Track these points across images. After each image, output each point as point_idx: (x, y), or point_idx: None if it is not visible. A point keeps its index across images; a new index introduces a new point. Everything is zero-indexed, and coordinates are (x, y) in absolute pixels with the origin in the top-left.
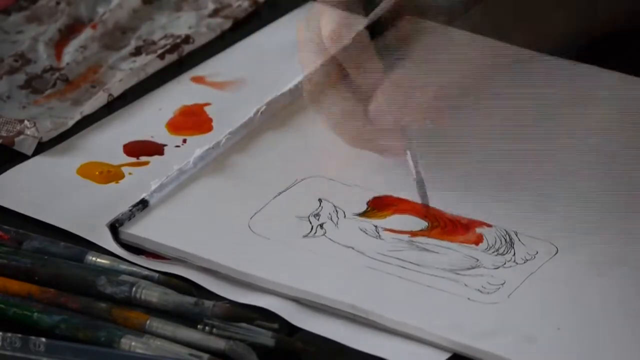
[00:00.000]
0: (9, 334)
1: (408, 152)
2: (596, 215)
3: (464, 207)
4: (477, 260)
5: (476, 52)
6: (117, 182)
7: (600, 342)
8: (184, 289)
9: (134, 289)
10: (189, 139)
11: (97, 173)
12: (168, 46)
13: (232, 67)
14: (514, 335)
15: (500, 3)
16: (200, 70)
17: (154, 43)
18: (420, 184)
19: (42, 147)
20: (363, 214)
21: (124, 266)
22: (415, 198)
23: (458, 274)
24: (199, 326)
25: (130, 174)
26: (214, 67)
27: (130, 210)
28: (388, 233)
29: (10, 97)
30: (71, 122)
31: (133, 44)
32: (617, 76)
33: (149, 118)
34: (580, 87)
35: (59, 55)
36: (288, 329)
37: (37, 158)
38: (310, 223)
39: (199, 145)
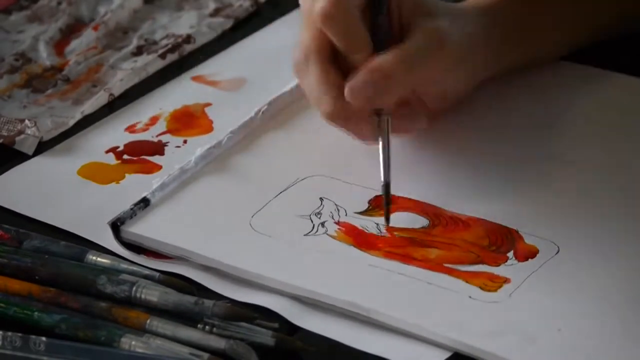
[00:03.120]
0: (9, 333)
1: (380, 141)
2: (597, 215)
3: (464, 204)
4: (478, 257)
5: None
6: (117, 182)
7: (601, 343)
8: (184, 288)
9: (134, 288)
10: (190, 139)
11: (97, 173)
12: (169, 46)
13: (233, 67)
14: (515, 335)
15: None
16: (201, 69)
17: (155, 43)
18: (387, 189)
19: (43, 147)
20: (364, 212)
21: (124, 265)
22: (416, 196)
23: (459, 271)
24: (199, 325)
25: (130, 174)
26: (215, 66)
27: (131, 209)
28: (389, 231)
29: (10, 97)
30: (72, 122)
31: (134, 43)
32: (622, 78)
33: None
34: (579, 89)
35: (60, 54)
36: (288, 328)
37: (37, 158)
38: (312, 221)
39: (199, 145)
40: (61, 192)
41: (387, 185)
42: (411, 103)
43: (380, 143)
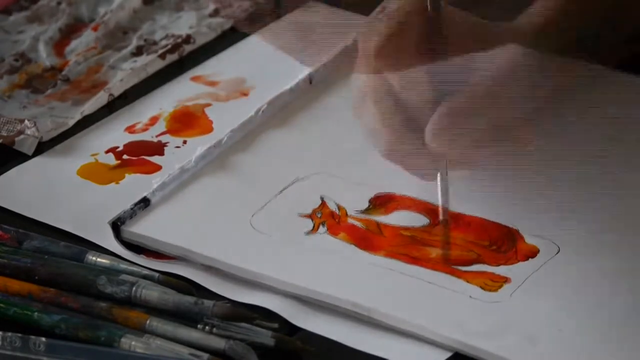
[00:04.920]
0: (9, 334)
1: (439, 178)
2: (598, 214)
3: (465, 204)
4: (479, 256)
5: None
6: (117, 183)
7: (601, 343)
8: (184, 288)
9: (134, 288)
10: (190, 139)
11: (97, 173)
12: (169, 46)
13: (233, 67)
14: (516, 335)
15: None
16: (200, 70)
17: (155, 43)
18: (445, 213)
19: (43, 147)
20: (365, 211)
21: (124, 266)
22: (417, 195)
23: (460, 270)
24: (199, 326)
25: (130, 174)
26: (215, 67)
27: (132, 209)
28: (390, 230)
29: (10, 97)
30: (72, 122)
31: (134, 43)
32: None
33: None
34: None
35: (60, 54)
36: (288, 328)
37: (37, 158)
38: (312, 220)
39: (199, 146)
40: (61, 192)
41: (446, 221)
42: None
43: (439, 177)
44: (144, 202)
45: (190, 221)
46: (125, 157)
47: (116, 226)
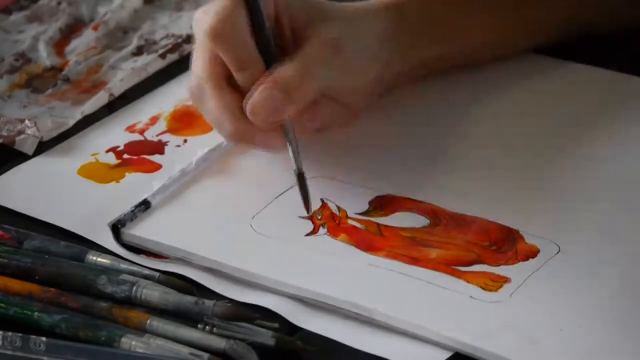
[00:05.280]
0: (10, 333)
1: (289, 147)
2: (598, 215)
3: (465, 204)
4: (479, 256)
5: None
6: (117, 182)
7: (602, 343)
8: (185, 288)
9: (134, 288)
10: (190, 138)
11: (97, 173)
12: (169, 46)
13: None
14: (516, 335)
15: None
16: None
17: (155, 43)
18: (301, 179)
19: (43, 147)
20: (365, 213)
21: (124, 265)
22: (417, 196)
23: (460, 270)
24: (199, 325)
25: (130, 173)
26: None
27: (132, 211)
28: (390, 231)
29: (10, 97)
30: (72, 122)
31: (134, 43)
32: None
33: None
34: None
35: (60, 54)
36: (288, 328)
37: (38, 158)
38: (313, 222)
39: (199, 145)
40: (61, 192)
41: (301, 175)
42: (318, 105)
43: (290, 148)
44: (145, 205)
45: (191, 223)
46: (125, 156)
47: (116, 229)
